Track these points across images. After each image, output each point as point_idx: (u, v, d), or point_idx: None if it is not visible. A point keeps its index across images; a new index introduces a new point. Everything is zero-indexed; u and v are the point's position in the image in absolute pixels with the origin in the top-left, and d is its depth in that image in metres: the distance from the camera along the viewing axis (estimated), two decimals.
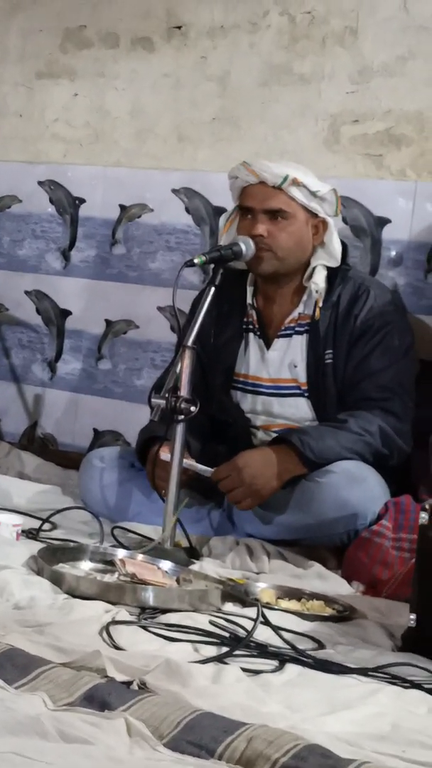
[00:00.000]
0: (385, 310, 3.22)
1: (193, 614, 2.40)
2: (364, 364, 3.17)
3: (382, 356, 3.17)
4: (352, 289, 3.23)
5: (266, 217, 3.18)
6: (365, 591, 2.86)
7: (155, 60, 4.09)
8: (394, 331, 3.20)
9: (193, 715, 1.75)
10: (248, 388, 3.32)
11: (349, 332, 3.19)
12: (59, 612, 2.31)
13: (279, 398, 3.28)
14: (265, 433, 3.28)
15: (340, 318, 3.21)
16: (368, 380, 3.16)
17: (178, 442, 2.91)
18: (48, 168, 4.31)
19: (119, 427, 4.09)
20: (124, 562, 2.67)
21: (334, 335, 3.20)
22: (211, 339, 3.32)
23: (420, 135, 3.55)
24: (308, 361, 3.23)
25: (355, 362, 3.18)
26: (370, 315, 3.19)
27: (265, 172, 3.18)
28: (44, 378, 4.30)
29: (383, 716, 1.93)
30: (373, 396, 3.14)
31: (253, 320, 3.34)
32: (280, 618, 2.43)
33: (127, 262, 4.11)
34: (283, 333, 3.28)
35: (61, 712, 1.74)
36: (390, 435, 3.09)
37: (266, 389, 3.29)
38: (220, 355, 3.34)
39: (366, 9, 3.63)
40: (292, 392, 3.26)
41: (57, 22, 4.30)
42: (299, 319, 3.27)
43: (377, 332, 3.18)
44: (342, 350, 3.19)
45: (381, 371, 3.16)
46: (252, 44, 3.86)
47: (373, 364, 3.17)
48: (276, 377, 3.28)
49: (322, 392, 3.21)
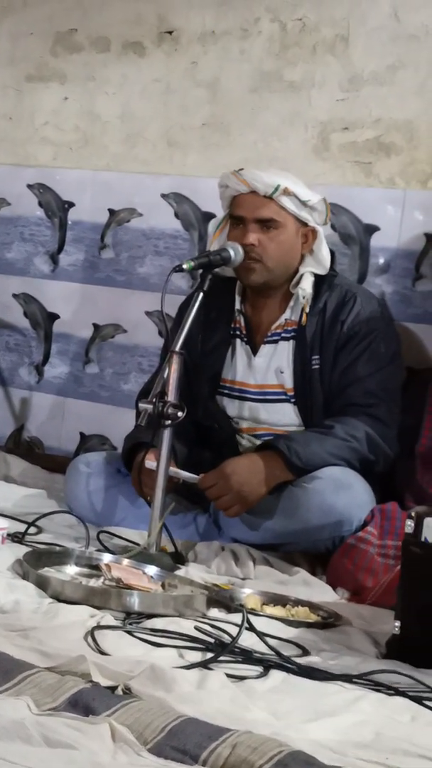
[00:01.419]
0: (372, 316, 3.23)
1: (178, 619, 2.40)
2: (350, 370, 3.18)
3: (368, 362, 3.18)
4: (339, 295, 3.24)
5: (257, 227, 3.18)
6: (350, 598, 2.87)
7: (146, 65, 4.09)
8: (380, 337, 3.21)
9: (178, 720, 1.75)
10: (234, 393, 3.33)
11: (335, 338, 3.20)
12: (44, 616, 2.31)
13: (265, 404, 3.28)
14: (251, 438, 3.29)
15: (326, 324, 3.21)
16: (354, 386, 3.17)
17: (165, 447, 2.92)
18: (37, 171, 4.31)
19: (106, 431, 4.09)
20: (110, 566, 2.67)
21: (321, 341, 3.21)
22: (198, 345, 3.32)
23: (409, 144, 3.56)
24: (295, 367, 3.23)
25: (342, 368, 3.19)
26: (356, 321, 3.20)
27: (257, 181, 3.18)
28: (31, 381, 4.29)
29: (367, 723, 1.93)
30: (359, 402, 3.15)
31: (240, 326, 3.34)
32: (265, 624, 2.43)
33: (116, 267, 4.11)
34: (270, 339, 3.28)
35: (45, 717, 1.74)
36: (376, 441, 3.10)
37: (253, 395, 3.30)
38: (207, 361, 3.34)
39: (357, 17, 3.64)
40: (279, 398, 3.27)
41: (48, 25, 4.30)
42: (286, 325, 3.27)
43: (363, 338, 3.19)
44: (328, 356, 3.20)
45: (367, 377, 3.17)
46: (243, 51, 3.87)
47: (359, 370, 3.18)
48: (262, 383, 3.29)
49: (309, 398, 3.22)
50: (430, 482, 3.15)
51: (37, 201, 4.29)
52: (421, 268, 3.50)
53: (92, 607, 2.40)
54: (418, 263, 3.51)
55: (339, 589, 2.89)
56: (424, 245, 3.50)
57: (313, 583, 2.88)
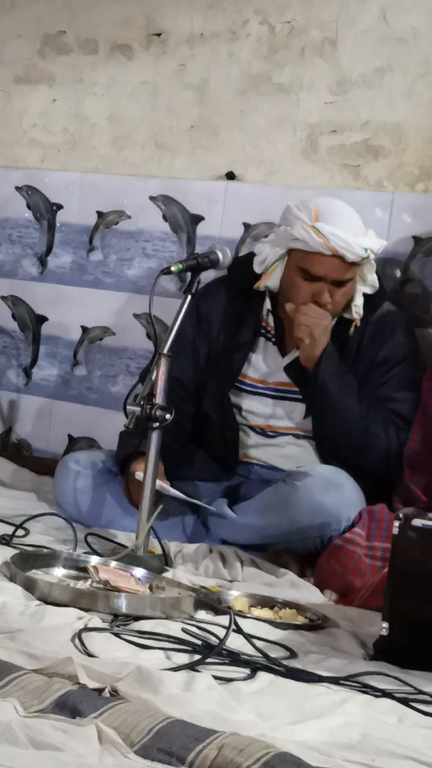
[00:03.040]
0: (409, 341, 3.29)
1: (165, 622, 2.40)
2: (380, 390, 3.22)
3: (399, 387, 3.22)
4: (380, 315, 3.26)
5: (332, 286, 3.18)
6: (337, 599, 2.87)
7: (134, 67, 4.09)
8: (412, 365, 3.26)
9: (164, 722, 1.75)
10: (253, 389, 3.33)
11: (370, 358, 3.23)
12: (31, 618, 2.31)
13: (283, 401, 3.29)
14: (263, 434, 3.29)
15: (365, 341, 3.23)
16: (385, 402, 3.20)
17: (153, 450, 2.91)
18: (25, 173, 4.30)
19: (94, 433, 4.09)
20: (97, 569, 2.66)
21: (356, 357, 3.22)
22: (219, 341, 3.33)
23: (397, 147, 3.57)
24: None
25: (371, 386, 3.22)
26: (393, 345, 3.24)
27: (346, 250, 3.11)
28: (19, 384, 4.29)
29: (353, 725, 1.93)
30: (389, 408, 3.19)
31: (268, 326, 3.34)
32: (252, 626, 2.43)
33: (104, 269, 4.11)
34: None
35: (31, 719, 1.74)
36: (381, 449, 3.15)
37: (271, 391, 3.31)
38: (228, 356, 3.33)
39: (345, 20, 3.65)
40: (296, 396, 3.27)
41: (36, 27, 4.29)
42: None
43: (398, 364, 3.24)
44: (359, 373, 3.22)
45: (395, 400, 3.21)
46: (231, 53, 3.87)
47: (387, 390, 3.22)
48: (284, 380, 3.29)
49: None
50: (418, 484, 3.15)
51: (25, 203, 4.29)
52: (409, 270, 3.51)
53: (80, 609, 2.39)
54: (406, 265, 3.52)
55: (326, 591, 2.89)
56: (412, 248, 3.50)
57: (301, 585, 2.88)
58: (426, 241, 3.49)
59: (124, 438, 3.24)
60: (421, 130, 3.53)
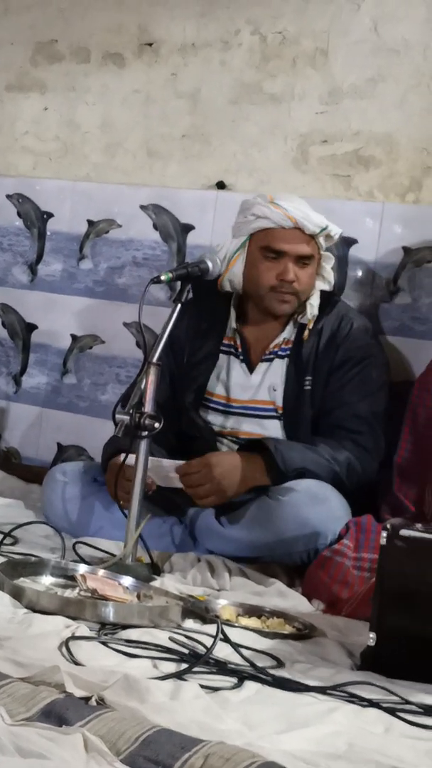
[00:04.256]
0: (367, 342, 3.29)
1: (153, 630, 2.40)
2: (341, 394, 3.22)
3: (359, 387, 3.22)
4: (336, 319, 3.28)
5: (295, 262, 3.22)
6: (325, 609, 2.86)
7: (126, 75, 4.10)
8: (373, 364, 3.26)
9: (151, 731, 1.74)
10: (221, 408, 3.34)
11: (329, 361, 3.24)
12: (19, 626, 2.30)
13: (253, 419, 3.30)
14: (230, 444, 3.29)
15: (322, 346, 3.25)
16: (343, 409, 3.21)
17: (141, 458, 2.91)
18: (16, 181, 4.30)
19: (83, 441, 4.09)
20: (85, 577, 2.66)
21: (315, 363, 3.24)
22: (185, 355, 3.34)
23: (388, 157, 3.58)
24: (287, 386, 3.26)
25: (332, 391, 3.23)
26: (351, 347, 3.25)
27: (306, 220, 3.21)
28: (9, 391, 4.29)
29: (340, 734, 1.93)
30: (347, 425, 3.19)
31: (236, 344, 3.35)
32: (239, 635, 2.43)
33: (94, 277, 4.11)
34: (267, 357, 3.31)
35: (18, 727, 1.73)
36: (356, 469, 3.13)
37: (242, 409, 3.31)
38: (193, 372, 3.35)
39: (337, 31, 3.66)
40: (268, 414, 3.29)
41: (28, 35, 4.30)
42: (283, 344, 3.30)
43: (357, 364, 3.24)
44: (321, 378, 3.23)
45: (357, 402, 3.21)
46: (223, 62, 3.88)
47: (349, 394, 3.22)
48: (253, 398, 3.30)
49: (297, 417, 3.25)
50: (407, 493, 3.16)
51: (16, 211, 4.29)
52: (399, 281, 3.52)
53: (67, 618, 2.39)
54: (396, 276, 3.52)
55: (314, 601, 2.88)
56: (402, 258, 3.51)
57: (289, 595, 2.88)
58: (416, 252, 3.50)
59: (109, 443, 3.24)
60: (413, 141, 3.54)
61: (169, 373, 3.31)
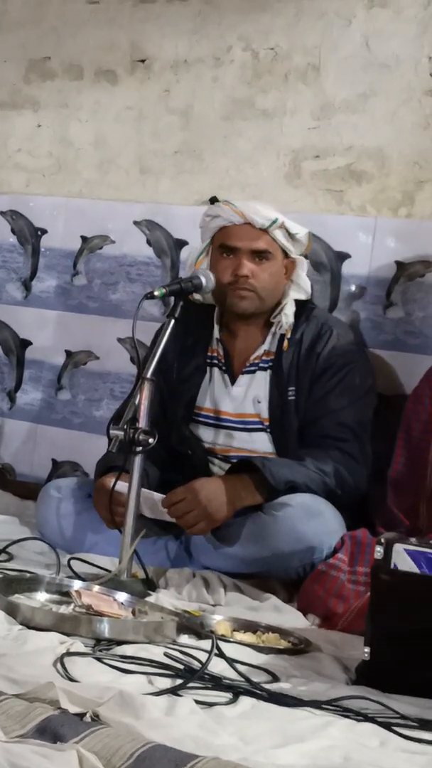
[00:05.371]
0: (347, 349, 3.27)
1: (148, 646, 2.39)
2: (324, 402, 3.21)
3: (342, 394, 3.21)
4: (316, 327, 3.27)
5: (250, 258, 3.22)
6: (320, 624, 2.86)
7: (119, 92, 4.11)
8: (355, 370, 3.24)
9: (146, 747, 1.74)
10: (210, 421, 3.34)
11: (311, 370, 3.23)
12: (13, 643, 2.30)
13: (242, 432, 3.30)
14: (221, 464, 3.29)
15: (302, 355, 3.24)
16: (327, 417, 3.19)
17: (136, 474, 2.91)
18: (10, 198, 4.31)
19: (78, 457, 4.08)
20: (80, 593, 2.66)
21: (297, 372, 3.24)
22: (174, 372, 3.34)
23: (380, 171, 3.59)
24: (271, 398, 3.25)
25: (316, 399, 3.22)
26: (332, 354, 3.24)
27: (254, 214, 3.22)
28: (3, 408, 4.29)
29: (335, 749, 1.93)
30: (332, 434, 3.17)
31: (219, 355, 3.36)
32: (234, 650, 2.42)
33: (88, 293, 4.11)
34: (248, 369, 3.31)
35: (12, 744, 1.73)
36: (345, 477, 3.12)
37: (229, 423, 3.31)
38: (182, 387, 3.35)
39: (328, 46, 3.67)
40: (255, 427, 3.28)
41: (21, 52, 4.31)
42: (264, 356, 3.29)
43: (339, 371, 3.22)
44: (304, 387, 3.23)
45: (341, 410, 3.19)
46: (215, 78, 3.89)
47: (333, 401, 3.20)
48: (240, 412, 3.30)
49: (284, 428, 3.24)
50: (401, 507, 3.16)
51: (9, 227, 4.29)
52: (392, 295, 3.52)
53: (62, 634, 2.38)
54: (389, 290, 3.53)
55: (310, 615, 2.88)
56: (395, 272, 3.52)
57: (284, 610, 2.88)
58: (409, 266, 3.51)
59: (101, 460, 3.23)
60: (404, 155, 3.55)
61: (159, 390, 3.31)
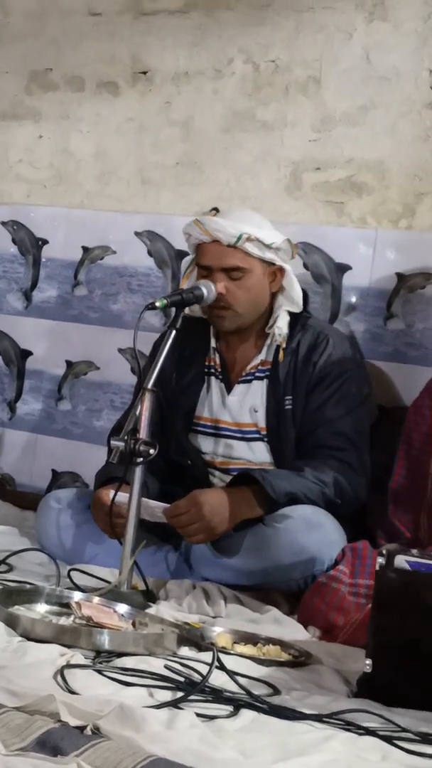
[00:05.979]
0: (344, 358, 3.26)
1: (148, 658, 2.39)
2: (321, 411, 3.20)
3: (339, 404, 3.20)
4: (312, 336, 3.27)
5: (224, 275, 3.21)
6: (321, 636, 2.86)
7: (120, 104, 4.12)
8: (351, 379, 3.24)
9: (146, 760, 1.73)
10: (209, 430, 3.34)
11: (307, 379, 3.23)
12: (13, 655, 2.29)
13: (239, 441, 3.30)
14: (222, 476, 3.29)
15: (299, 365, 3.24)
16: (324, 427, 3.19)
17: (136, 485, 2.91)
18: (11, 209, 4.32)
19: (78, 468, 4.08)
20: (80, 605, 2.65)
21: (293, 382, 3.23)
22: (172, 382, 3.34)
23: (380, 183, 3.60)
24: (268, 407, 3.25)
25: (312, 409, 3.21)
26: (328, 362, 3.23)
27: (219, 232, 3.20)
28: (3, 418, 4.29)
29: (336, 763, 1.92)
30: (329, 444, 3.17)
31: (215, 364, 3.36)
32: (235, 663, 2.42)
33: (89, 304, 4.12)
34: (245, 378, 3.31)
35: (12, 757, 1.72)
36: (344, 487, 3.11)
37: (228, 432, 3.31)
38: (181, 398, 3.35)
39: (329, 59, 3.68)
40: (253, 436, 3.28)
41: (23, 64, 4.32)
42: (260, 365, 3.29)
43: (335, 380, 3.22)
44: (300, 397, 3.22)
45: (337, 419, 3.19)
46: (216, 90, 3.90)
47: (330, 411, 3.20)
48: (238, 421, 3.30)
49: (281, 437, 3.23)
50: (402, 518, 3.15)
51: (10, 238, 4.30)
52: (392, 307, 3.53)
53: (62, 646, 2.38)
54: (390, 302, 3.53)
55: (310, 628, 2.88)
56: (396, 284, 3.52)
57: (285, 622, 2.87)
58: (409, 278, 3.51)
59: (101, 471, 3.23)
60: (404, 168, 3.56)
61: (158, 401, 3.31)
